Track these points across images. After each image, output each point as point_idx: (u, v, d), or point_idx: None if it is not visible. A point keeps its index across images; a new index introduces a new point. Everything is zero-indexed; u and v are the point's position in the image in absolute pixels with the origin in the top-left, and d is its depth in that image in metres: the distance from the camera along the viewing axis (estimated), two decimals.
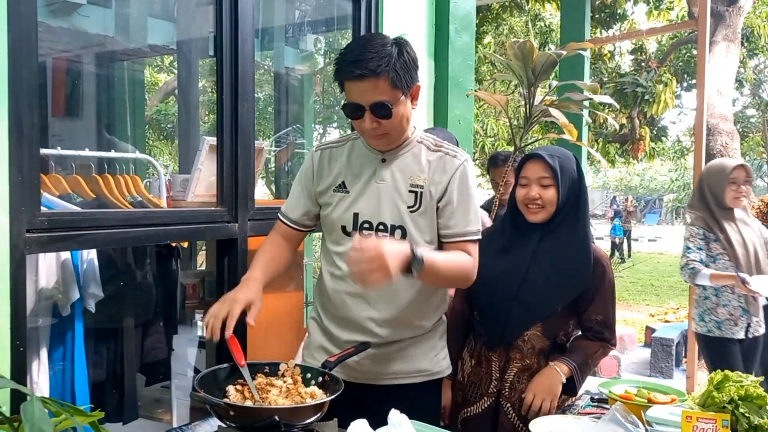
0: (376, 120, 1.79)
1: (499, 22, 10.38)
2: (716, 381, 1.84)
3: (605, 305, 2.15)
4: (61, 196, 2.41)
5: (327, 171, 1.96)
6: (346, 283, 1.90)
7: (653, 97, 8.73)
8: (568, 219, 2.12)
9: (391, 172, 1.89)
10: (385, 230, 1.87)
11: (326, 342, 2.00)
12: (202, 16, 4.60)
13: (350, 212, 1.90)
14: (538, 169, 2.09)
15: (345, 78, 1.78)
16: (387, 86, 1.75)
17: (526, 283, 2.10)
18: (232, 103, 2.46)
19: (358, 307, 1.91)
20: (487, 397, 2.17)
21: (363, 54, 1.73)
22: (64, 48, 4.36)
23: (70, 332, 2.31)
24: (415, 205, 1.87)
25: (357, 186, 1.91)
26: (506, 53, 2.92)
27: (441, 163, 1.89)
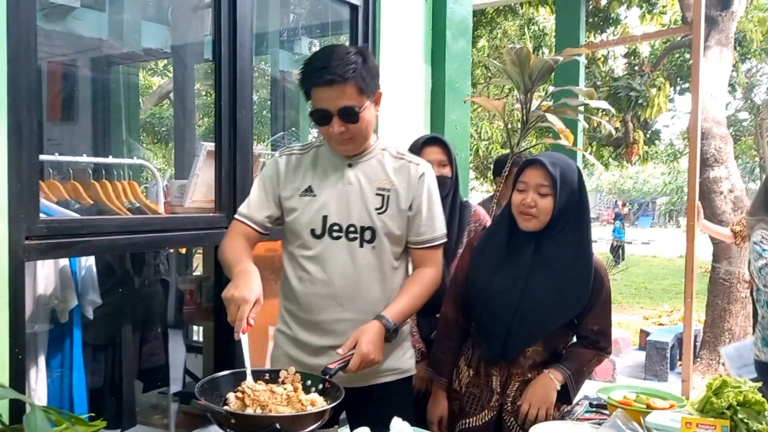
0: (344, 124, 1.85)
1: (493, 26, 10.40)
2: (715, 387, 1.84)
3: (602, 315, 2.13)
4: (59, 203, 2.41)
5: (292, 176, 1.99)
6: (316, 285, 1.95)
7: (647, 101, 8.75)
8: (565, 230, 2.05)
9: (358, 176, 1.96)
10: (355, 231, 1.93)
11: (295, 350, 2.01)
12: (197, 19, 4.60)
13: (319, 215, 1.94)
14: (538, 175, 2.03)
15: (313, 84, 1.84)
16: (354, 92, 1.83)
17: (526, 298, 2.05)
18: (230, 109, 2.46)
19: (328, 309, 1.95)
20: (489, 411, 2.13)
21: (330, 61, 1.81)
22: (58, 52, 4.35)
23: (68, 339, 2.31)
24: (383, 207, 1.95)
25: (325, 189, 1.95)
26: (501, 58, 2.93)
27: (405, 171, 1.99)
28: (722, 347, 3.08)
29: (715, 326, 6.88)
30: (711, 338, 6.91)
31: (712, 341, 6.89)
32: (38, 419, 1.14)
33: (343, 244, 1.94)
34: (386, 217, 1.95)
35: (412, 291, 1.97)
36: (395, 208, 1.96)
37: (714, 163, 6.74)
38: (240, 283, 1.70)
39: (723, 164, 6.76)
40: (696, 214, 4.27)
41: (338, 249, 1.93)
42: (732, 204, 6.67)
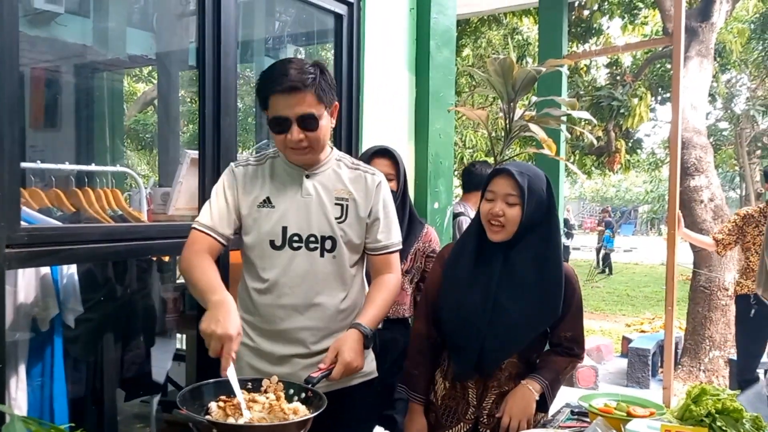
0: (303, 131, 1.87)
1: (477, 35, 10.48)
2: (694, 395, 1.86)
3: (575, 323, 2.13)
4: (41, 210, 2.39)
5: (249, 187, 1.99)
6: (276, 295, 1.95)
7: (628, 111, 8.84)
8: (533, 241, 2.04)
9: (316, 186, 1.98)
10: (316, 241, 1.96)
11: (258, 361, 2.00)
12: (182, 27, 4.59)
13: (279, 226, 1.95)
14: (506, 185, 2.01)
15: (273, 92, 1.86)
16: (314, 99, 1.86)
17: (498, 312, 2.03)
18: (214, 117, 2.46)
19: (290, 318, 1.96)
20: (465, 423, 2.13)
21: (289, 70, 1.85)
22: (42, 58, 4.33)
23: (49, 348, 2.28)
24: (342, 216, 1.99)
25: (283, 201, 1.96)
26: (485, 67, 2.96)
27: (362, 181, 2.03)
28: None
29: (696, 333, 6.95)
30: (692, 345, 6.97)
31: (693, 348, 6.95)
32: (17, 430, 1.13)
33: (303, 255, 1.96)
34: (346, 226, 1.99)
35: (380, 297, 2.01)
36: (354, 217, 2.00)
37: (694, 172, 6.82)
38: (220, 316, 1.67)
39: (703, 173, 6.84)
40: (677, 222, 4.32)
41: (299, 259, 1.95)
42: (712, 213, 6.75)
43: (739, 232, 4.70)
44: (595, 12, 9.31)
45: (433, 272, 2.24)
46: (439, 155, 3.58)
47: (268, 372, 1.93)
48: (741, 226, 4.69)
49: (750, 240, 4.65)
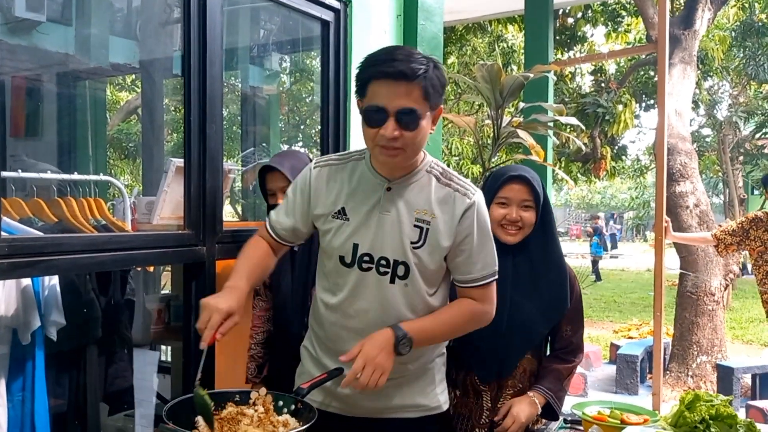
0: (399, 129, 1.63)
1: (462, 42, 10.51)
2: (687, 401, 1.86)
3: (575, 318, 2.19)
4: (22, 220, 2.34)
5: (325, 192, 1.81)
6: (340, 316, 1.82)
7: (613, 117, 8.91)
8: (538, 240, 2.12)
9: (396, 204, 1.76)
10: (387, 265, 1.76)
11: (316, 370, 1.91)
12: (166, 35, 4.55)
13: (350, 242, 1.77)
14: (522, 191, 2.06)
15: (376, 76, 1.63)
16: (419, 95, 1.63)
17: (514, 311, 2.07)
18: (200, 125, 2.42)
19: (351, 342, 1.75)
20: (480, 429, 2.14)
21: (398, 56, 1.62)
22: (23, 66, 4.27)
23: (30, 361, 2.22)
24: (419, 242, 1.76)
25: (359, 214, 1.78)
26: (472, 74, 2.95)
27: (451, 201, 1.77)
28: None
29: (684, 339, 6.97)
30: (680, 351, 7.00)
31: (680, 354, 6.98)
32: None
33: (373, 278, 1.77)
34: (422, 252, 1.76)
35: (442, 314, 1.82)
36: (434, 244, 1.76)
37: (680, 178, 6.87)
38: (222, 294, 1.68)
39: (688, 179, 6.89)
40: (664, 228, 4.33)
41: (367, 282, 1.78)
42: (698, 218, 6.79)
43: (743, 235, 4.54)
44: (579, 20, 9.38)
45: None
46: None
47: (326, 386, 1.82)
48: (747, 229, 4.54)
49: (761, 245, 4.50)
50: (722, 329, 7.05)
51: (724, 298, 7.34)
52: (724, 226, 4.86)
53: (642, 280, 17.49)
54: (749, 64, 11.11)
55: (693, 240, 5.24)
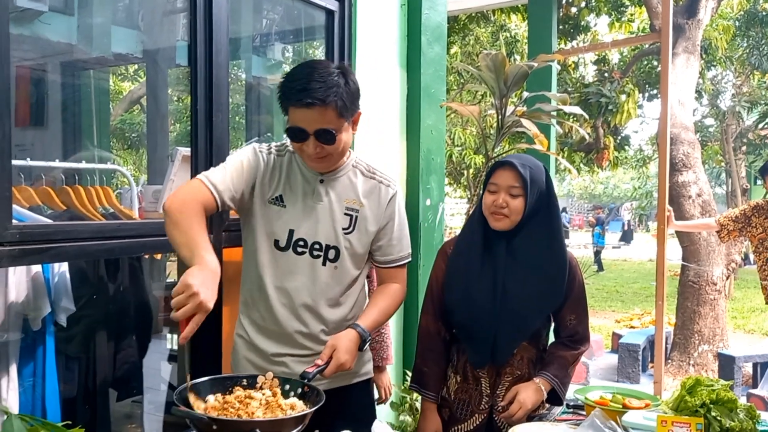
0: (319, 145, 1.83)
1: (465, 32, 10.49)
2: (688, 386, 1.88)
3: (578, 306, 2.17)
4: (32, 208, 2.37)
5: (268, 178, 1.95)
6: (275, 296, 1.94)
7: (616, 107, 8.89)
8: (536, 229, 2.09)
9: (328, 194, 1.96)
10: (320, 249, 1.94)
11: (252, 356, 2.01)
12: (169, 24, 4.56)
13: (286, 228, 1.93)
14: (509, 177, 2.05)
15: (292, 105, 1.80)
16: (334, 115, 1.80)
17: (506, 300, 2.07)
18: (206, 114, 2.44)
19: (286, 321, 1.95)
20: (479, 414, 2.14)
21: (310, 83, 1.77)
22: (26, 56, 4.29)
23: (41, 347, 2.26)
24: (350, 228, 1.97)
25: (295, 202, 1.94)
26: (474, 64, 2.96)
27: (376, 192, 2.01)
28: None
29: (685, 328, 7.00)
30: (681, 340, 7.03)
31: (682, 343, 7.01)
32: (15, 427, 1.12)
33: (306, 261, 1.94)
34: (352, 237, 1.97)
35: (382, 304, 2.01)
36: (362, 230, 1.98)
37: (682, 168, 6.87)
38: (209, 281, 1.54)
39: (691, 169, 6.90)
40: (667, 217, 4.35)
41: (301, 264, 1.94)
42: (700, 208, 6.80)
43: (745, 221, 4.61)
44: (582, 9, 9.35)
45: (437, 268, 2.24)
46: (431, 152, 3.58)
47: (263, 367, 1.93)
48: (749, 215, 4.60)
49: (762, 231, 4.53)
50: (724, 318, 7.08)
51: (725, 288, 7.37)
52: (727, 212, 4.89)
53: (644, 270, 17.51)
54: (753, 53, 11.10)
55: (696, 227, 5.26)
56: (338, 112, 1.80)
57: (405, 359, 3.50)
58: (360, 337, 1.89)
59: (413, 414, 3.16)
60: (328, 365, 1.81)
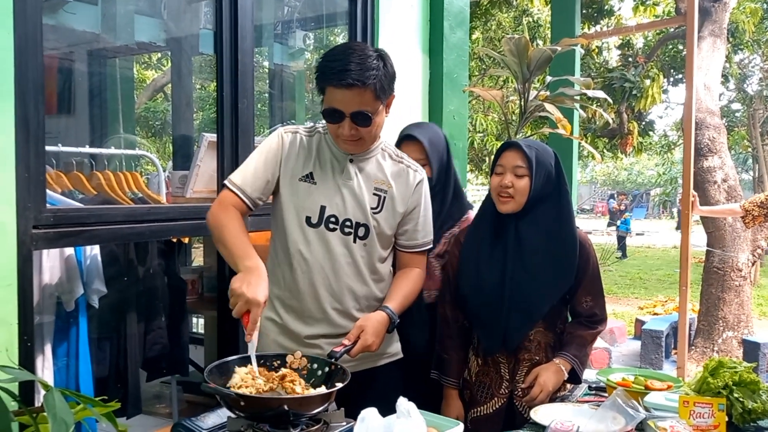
0: (354, 127, 1.85)
1: (487, 17, 10.41)
2: (711, 367, 1.89)
3: (593, 286, 2.17)
4: (63, 193, 2.43)
5: (294, 157, 1.96)
6: (307, 273, 1.95)
7: (641, 92, 8.79)
8: (544, 212, 2.09)
9: (358, 174, 1.98)
10: (351, 226, 1.95)
11: (284, 339, 2.01)
12: (192, 12, 4.60)
13: (317, 204, 1.94)
14: (514, 157, 2.06)
15: (331, 84, 1.82)
16: (371, 97, 1.82)
17: (515, 285, 2.08)
18: (232, 100, 2.48)
19: (317, 299, 1.96)
20: (498, 398, 2.16)
21: (350, 63, 1.79)
22: (52, 46, 4.36)
23: (74, 328, 2.33)
24: (378, 208, 1.98)
25: (325, 180, 1.95)
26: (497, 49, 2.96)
27: (404, 176, 2.03)
28: None
29: (709, 314, 6.95)
30: (705, 326, 6.98)
31: (706, 329, 6.96)
32: (57, 400, 1.17)
33: (338, 237, 1.95)
34: (380, 217, 1.98)
35: (406, 288, 2.02)
36: (390, 210, 2.00)
37: (708, 153, 6.80)
38: (252, 280, 1.67)
39: (717, 154, 6.81)
40: (691, 203, 4.31)
41: (333, 241, 1.94)
42: (726, 193, 6.72)
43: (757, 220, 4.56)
44: None
45: (452, 255, 2.26)
46: (453, 137, 3.58)
47: (294, 350, 1.93)
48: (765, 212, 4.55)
49: None
50: (749, 305, 7.01)
51: (751, 274, 7.28)
52: (753, 197, 4.83)
53: (668, 257, 17.34)
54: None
55: (720, 212, 5.21)
56: (376, 94, 1.82)
57: None
58: (389, 320, 1.91)
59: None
60: (355, 345, 1.83)
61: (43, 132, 1.89)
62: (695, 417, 1.71)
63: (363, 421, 1.49)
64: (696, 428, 1.69)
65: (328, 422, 1.64)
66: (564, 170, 2.15)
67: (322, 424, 1.63)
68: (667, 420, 1.70)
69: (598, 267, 2.21)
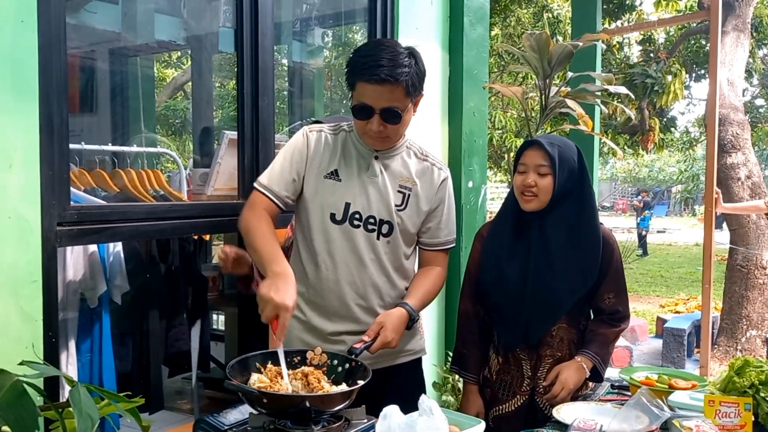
0: (383, 124, 1.86)
1: (506, 14, 10.35)
2: (737, 367, 1.87)
3: (616, 283, 2.15)
4: (86, 191, 2.45)
5: (319, 155, 1.98)
6: (328, 269, 1.96)
7: (662, 88, 8.69)
8: (568, 208, 2.08)
9: (383, 171, 1.98)
10: (374, 223, 1.96)
11: (307, 336, 2.02)
12: (212, 11, 4.63)
13: (342, 201, 1.95)
14: (537, 156, 2.05)
15: (362, 80, 1.82)
16: (402, 94, 1.83)
17: (538, 281, 2.07)
18: (252, 98, 2.49)
19: (342, 295, 1.96)
20: (520, 396, 2.16)
21: (382, 59, 1.80)
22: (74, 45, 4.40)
23: (98, 324, 2.35)
24: (402, 205, 1.99)
25: (350, 177, 1.97)
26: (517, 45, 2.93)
27: (429, 173, 2.04)
28: None
29: (733, 313, 6.86)
30: (728, 325, 6.89)
31: (729, 328, 6.87)
32: (82, 395, 1.18)
33: (362, 234, 1.96)
34: (404, 215, 1.98)
35: (428, 286, 2.03)
36: (414, 208, 2.00)
37: (731, 150, 6.70)
38: (280, 285, 1.69)
39: (740, 150, 6.72)
40: (715, 200, 4.26)
41: (357, 237, 1.95)
42: (749, 190, 6.63)
43: None
44: None
45: (474, 251, 2.26)
46: (473, 133, 3.57)
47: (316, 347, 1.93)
48: None
49: None
50: None
51: None
52: None
53: (690, 255, 17.13)
54: None
55: (745, 209, 5.14)
56: (407, 91, 1.83)
57: (447, 341, 3.53)
58: (409, 316, 1.90)
59: (455, 395, 3.19)
60: (374, 341, 1.83)
61: (66, 130, 1.91)
62: (721, 416, 1.69)
63: (385, 419, 1.49)
64: (722, 428, 1.67)
65: (350, 419, 1.64)
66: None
67: (344, 421, 1.63)
68: (693, 419, 1.68)
69: (622, 263, 2.19)
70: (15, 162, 1.73)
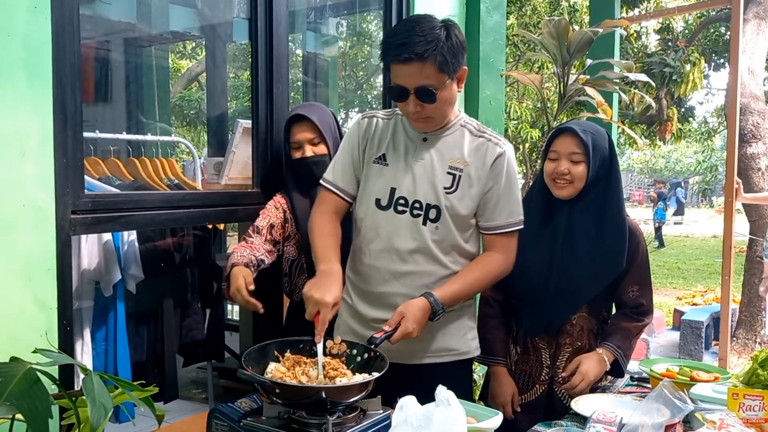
0: (419, 104, 1.80)
1: (522, 3, 10.25)
2: (761, 359, 1.83)
3: (641, 276, 2.12)
4: (101, 179, 2.45)
5: (371, 140, 1.96)
6: (375, 257, 1.92)
7: (681, 77, 8.57)
8: (597, 197, 2.05)
9: (431, 152, 1.91)
10: (420, 208, 1.88)
11: (353, 322, 1.99)
12: (225, 2, 4.62)
13: (387, 186, 1.90)
14: (570, 143, 2.01)
15: (391, 60, 1.78)
16: (433, 70, 1.75)
17: (564, 268, 2.05)
18: (267, 86, 2.47)
19: (386, 283, 1.91)
20: (539, 385, 2.14)
21: (410, 37, 1.73)
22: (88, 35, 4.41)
23: (112, 313, 2.35)
24: (452, 187, 1.89)
25: (396, 161, 1.92)
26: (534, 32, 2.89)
27: (482, 149, 1.91)
28: None
29: (752, 305, 6.76)
30: (747, 317, 6.80)
31: (748, 320, 6.78)
32: (96, 384, 1.17)
33: (407, 220, 1.89)
34: (454, 197, 1.89)
35: (469, 276, 1.91)
36: (465, 189, 1.89)
37: (751, 139, 6.59)
38: (322, 283, 1.70)
39: (761, 140, 6.61)
40: (735, 190, 4.19)
41: (401, 223, 1.89)
42: None
43: None
44: None
45: None
46: (489, 122, 3.52)
47: (362, 335, 1.89)
48: None
49: None
50: None
51: None
52: None
53: (707, 247, 16.97)
54: None
55: (765, 199, 5.06)
56: (438, 67, 1.75)
57: None
58: (431, 307, 1.80)
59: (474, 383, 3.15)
60: (395, 331, 1.77)
61: (80, 118, 1.90)
62: (745, 410, 1.65)
63: (402, 409, 1.47)
64: (746, 421, 1.63)
65: (365, 410, 1.62)
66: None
67: (359, 411, 1.61)
68: (716, 413, 1.64)
69: (648, 257, 2.15)
70: (29, 150, 1.72)
